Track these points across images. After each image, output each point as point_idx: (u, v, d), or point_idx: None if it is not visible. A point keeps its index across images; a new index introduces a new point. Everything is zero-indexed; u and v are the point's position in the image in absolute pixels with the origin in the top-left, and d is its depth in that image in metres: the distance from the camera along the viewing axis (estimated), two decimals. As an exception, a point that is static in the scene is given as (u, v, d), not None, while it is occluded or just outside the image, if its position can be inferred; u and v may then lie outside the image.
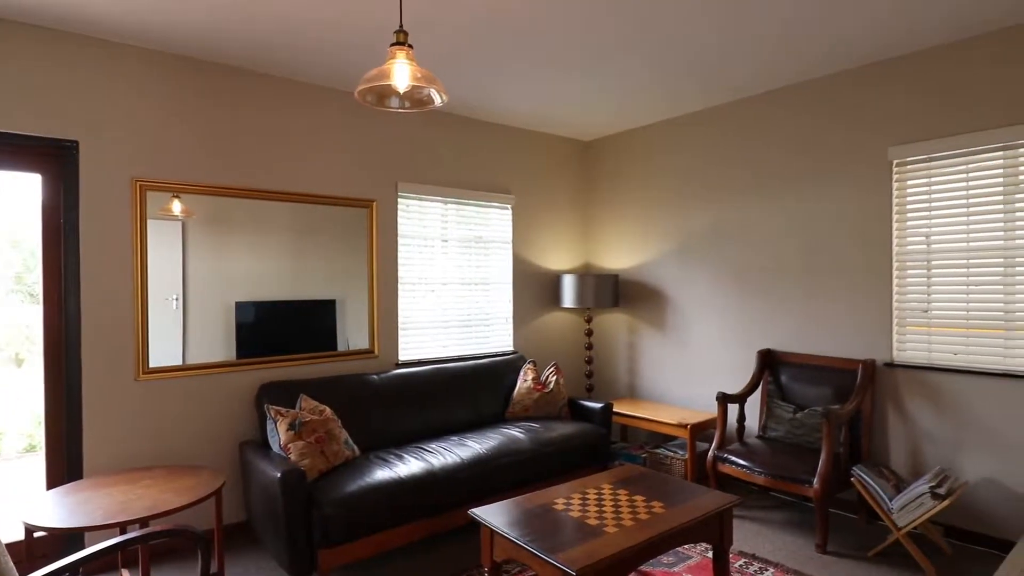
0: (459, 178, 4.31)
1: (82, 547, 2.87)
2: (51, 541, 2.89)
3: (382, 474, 2.90)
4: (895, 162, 3.33)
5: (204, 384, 3.22)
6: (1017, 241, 2.95)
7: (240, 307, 3.36)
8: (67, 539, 2.90)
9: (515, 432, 3.61)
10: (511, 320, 4.65)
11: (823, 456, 3.02)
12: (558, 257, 4.98)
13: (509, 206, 4.64)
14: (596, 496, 2.49)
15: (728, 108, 4.10)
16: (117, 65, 2.98)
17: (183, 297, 3.18)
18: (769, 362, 3.82)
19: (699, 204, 4.30)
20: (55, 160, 2.88)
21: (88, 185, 2.90)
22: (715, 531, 2.42)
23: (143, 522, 2.20)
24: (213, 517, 3.21)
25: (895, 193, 3.34)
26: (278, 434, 2.91)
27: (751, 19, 2.80)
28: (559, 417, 4.01)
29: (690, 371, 4.36)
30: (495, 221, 4.56)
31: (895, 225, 3.34)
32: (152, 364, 3.06)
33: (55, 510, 2.22)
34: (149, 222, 3.07)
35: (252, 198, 3.39)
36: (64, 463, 2.89)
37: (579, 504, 2.40)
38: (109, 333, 2.95)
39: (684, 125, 4.39)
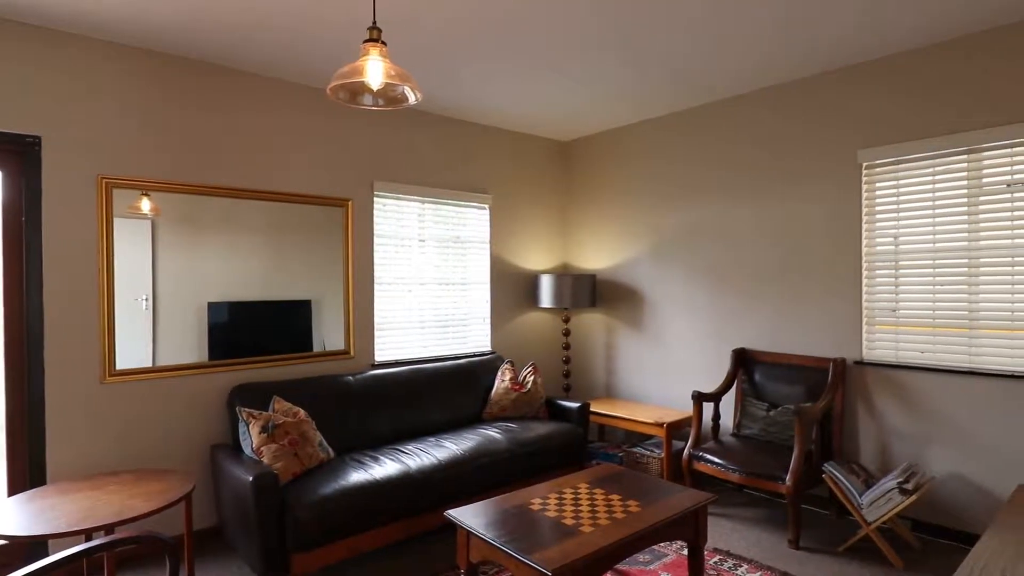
0: (437, 178, 4.28)
1: (45, 555, 2.79)
2: (13, 550, 2.79)
3: (357, 476, 2.86)
4: (864, 164, 3.40)
5: (174, 386, 3.15)
6: (981, 242, 3.03)
7: (213, 307, 3.29)
8: (29, 547, 2.81)
9: (492, 432, 3.60)
10: (488, 320, 4.64)
11: (795, 453, 3.07)
12: (536, 257, 4.98)
13: (487, 206, 4.62)
14: (572, 496, 2.49)
15: (703, 110, 4.15)
16: (82, 60, 2.90)
17: (153, 297, 3.10)
18: (743, 361, 3.87)
19: (675, 204, 4.34)
20: (16, 156, 2.79)
21: (51, 182, 2.81)
22: (690, 529, 2.44)
23: (109, 529, 2.14)
24: (183, 522, 3.13)
25: (864, 195, 3.41)
26: (250, 437, 2.86)
27: (725, 23, 2.83)
28: (537, 417, 4.01)
29: (667, 370, 4.40)
30: (472, 221, 4.55)
31: (864, 226, 3.41)
32: (120, 366, 2.99)
33: (16, 517, 2.14)
34: (116, 220, 2.99)
35: (224, 196, 3.32)
36: (26, 469, 2.80)
37: (555, 504, 2.40)
38: (74, 334, 2.87)
39: (659, 127, 4.42)
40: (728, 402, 4.00)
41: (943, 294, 3.15)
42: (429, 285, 4.28)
